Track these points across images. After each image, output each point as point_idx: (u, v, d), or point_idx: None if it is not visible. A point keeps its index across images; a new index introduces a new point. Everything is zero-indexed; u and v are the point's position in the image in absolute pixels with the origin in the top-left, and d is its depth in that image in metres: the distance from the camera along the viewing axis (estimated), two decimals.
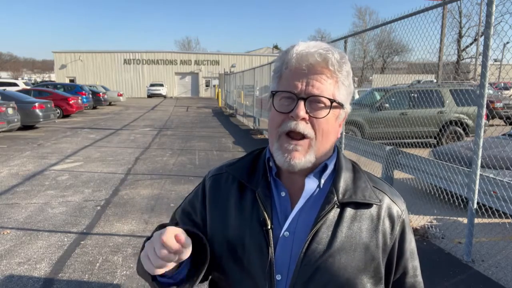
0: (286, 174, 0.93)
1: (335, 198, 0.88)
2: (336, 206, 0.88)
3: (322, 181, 0.92)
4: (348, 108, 0.92)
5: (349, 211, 0.89)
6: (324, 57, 0.85)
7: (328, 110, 0.86)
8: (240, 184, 0.96)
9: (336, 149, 0.98)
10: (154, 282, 0.85)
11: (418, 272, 0.98)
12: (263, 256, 0.87)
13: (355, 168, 0.96)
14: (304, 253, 0.85)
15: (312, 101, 0.85)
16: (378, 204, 0.90)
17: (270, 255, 0.87)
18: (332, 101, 0.86)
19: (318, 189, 0.91)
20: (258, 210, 0.90)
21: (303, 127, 0.85)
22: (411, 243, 0.96)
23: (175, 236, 0.75)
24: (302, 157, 0.86)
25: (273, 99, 0.90)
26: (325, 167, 0.92)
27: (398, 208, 0.94)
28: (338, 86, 0.87)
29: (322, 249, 0.85)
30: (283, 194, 0.92)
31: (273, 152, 0.90)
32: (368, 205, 0.90)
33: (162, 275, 0.84)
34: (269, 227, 0.88)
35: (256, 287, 0.88)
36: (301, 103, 0.84)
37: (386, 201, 0.92)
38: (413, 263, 0.96)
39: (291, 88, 0.86)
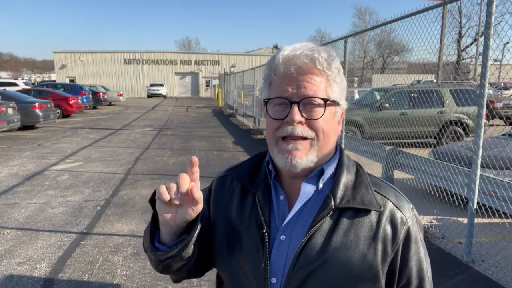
0: (285, 178, 0.93)
1: (332, 203, 0.85)
2: (332, 211, 0.86)
3: (321, 185, 0.90)
4: (344, 104, 0.91)
5: (346, 217, 0.86)
6: (311, 58, 0.84)
7: (323, 109, 0.85)
8: (243, 187, 0.97)
9: (339, 150, 0.96)
10: (151, 246, 0.88)
11: (427, 283, 0.91)
12: (259, 258, 0.88)
13: (358, 172, 0.93)
14: (297, 258, 0.84)
15: (305, 103, 0.84)
16: (378, 210, 0.86)
17: (264, 258, 0.87)
18: (325, 100, 0.85)
19: (316, 193, 0.90)
20: (257, 213, 0.91)
21: (301, 130, 0.84)
22: (418, 252, 0.89)
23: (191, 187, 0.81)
24: (303, 156, 0.85)
25: (266, 107, 0.89)
26: (321, 171, 0.90)
27: (403, 214, 0.88)
28: (330, 84, 0.86)
29: (315, 255, 0.84)
30: (281, 197, 0.92)
31: (274, 157, 0.89)
32: (367, 211, 0.86)
33: (163, 244, 0.88)
34: (264, 230, 0.88)
35: None
36: (295, 107, 0.83)
37: (389, 206, 0.88)
38: (420, 273, 0.89)
39: (283, 93, 0.85)
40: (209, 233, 0.98)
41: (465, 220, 3.97)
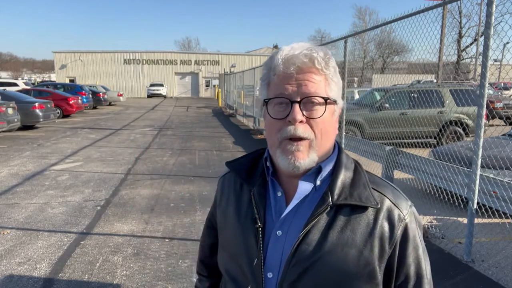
0: (283, 175, 0.93)
1: (329, 199, 0.86)
2: (329, 208, 0.86)
3: (318, 182, 0.90)
4: (341, 103, 0.92)
5: (343, 214, 0.86)
6: (310, 57, 0.85)
7: (324, 108, 0.86)
8: (241, 183, 0.99)
9: (337, 147, 0.96)
10: None
11: (425, 281, 0.90)
12: (253, 253, 0.89)
13: (356, 169, 0.93)
14: (293, 254, 0.85)
15: (306, 102, 0.85)
16: (375, 207, 0.86)
17: (259, 252, 0.88)
18: (326, 98, 0.86)
19: (314, 190, 0.90)
20: (253, 209, 0.92)
21: (302, 130, 0.84)
22: (416, 250, 0.89)
23: None
24: (305, 157, 0.86)
25: (266, 107, 0.89)
26: (319, 169, 0.90)
27: (400, 211, 0.88)
28: (328, 82, 0.87)
29: (312, 250, 0.84)
30: (279, 194, 0.93)
31: (276, 158, 0.89)
32: (364, 208, 0.87)
33: None
34: (257, 225, 0.89)
35: (249, 283, 0.90)
36: (296, 106, 0.84)
37: (386, 203, 0.88)
38: (418, 271, 0.89)
39: (283, 93, 0.85)
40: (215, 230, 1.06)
41: (465, 220, 3.97)
